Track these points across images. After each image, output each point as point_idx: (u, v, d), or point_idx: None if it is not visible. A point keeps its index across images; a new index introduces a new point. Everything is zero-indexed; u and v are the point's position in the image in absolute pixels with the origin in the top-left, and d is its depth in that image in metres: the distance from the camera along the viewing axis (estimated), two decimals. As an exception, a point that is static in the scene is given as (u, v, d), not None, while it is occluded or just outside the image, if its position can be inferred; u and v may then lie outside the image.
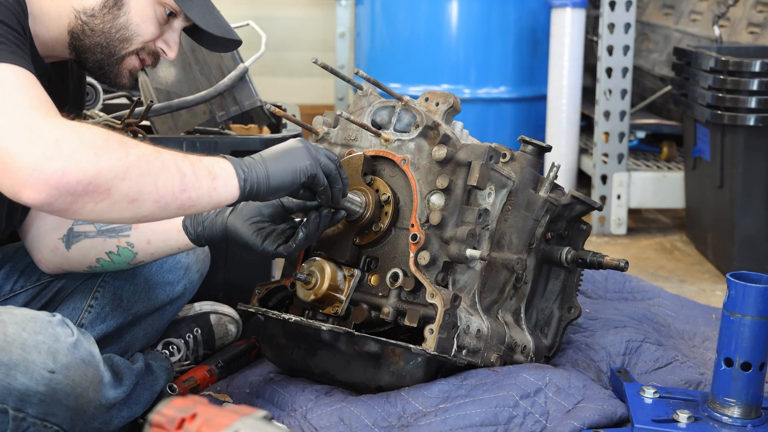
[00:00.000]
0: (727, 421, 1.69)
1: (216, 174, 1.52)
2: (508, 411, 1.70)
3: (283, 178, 1.59)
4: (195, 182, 1.48)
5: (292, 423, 1.77)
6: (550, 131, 3.61)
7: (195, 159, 1.51)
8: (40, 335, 1.49)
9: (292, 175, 1.60)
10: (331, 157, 1.67)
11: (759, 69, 2.76)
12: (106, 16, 1.68)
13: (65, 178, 1.36)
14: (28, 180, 1.35)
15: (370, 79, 1.86)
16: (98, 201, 1.40)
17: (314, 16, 4.81)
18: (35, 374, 1.47)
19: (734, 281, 1.66)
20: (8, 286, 1.86)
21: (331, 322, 1.84)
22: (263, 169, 1.57)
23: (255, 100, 2.39)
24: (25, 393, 1.47)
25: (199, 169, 1.50)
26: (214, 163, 1.53)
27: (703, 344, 2.24)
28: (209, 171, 1.51)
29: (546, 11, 3.64)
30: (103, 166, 1.39)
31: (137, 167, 1.42)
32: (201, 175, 1.50)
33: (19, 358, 1.47)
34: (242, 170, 1.55)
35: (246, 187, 1.54)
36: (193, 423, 1.06)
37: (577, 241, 2.08)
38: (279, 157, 1.60)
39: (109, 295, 1.90)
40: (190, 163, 1.49)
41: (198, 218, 1.76)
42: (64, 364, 1.49)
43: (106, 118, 2.31)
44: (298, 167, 1.60)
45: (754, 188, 2.84)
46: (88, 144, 1.39)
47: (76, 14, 1.68)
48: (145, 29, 1.72)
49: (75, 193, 1.38)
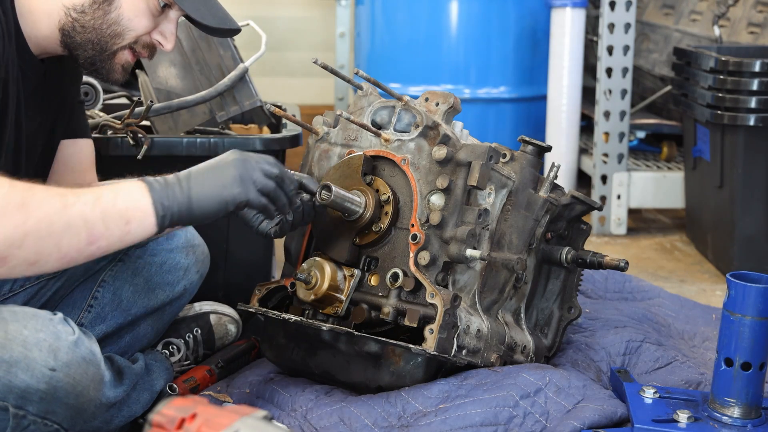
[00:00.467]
0: (727, 421, 1.69)
1: (130, 218, 1.48)
2: (508, 411, 1.70)
3: (208, 209, 1.54)
4: (105, 232, 1.46)
5: (292, 423, 1.77)
6: (550, 131, 3.61)
7: (108, 203, 1.46)
8: (42, 333, 1.49)
9: (218, 206, 1.54)
10: (269, 173, 1.60)
11: (759, 69, 2.76)
12: (97, 12, 1.66)
13: None
14: None
15: (370, 79, 1.86)
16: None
17: (314, 16, 4.81)
18: (36, 372, 1.47)
19: (734, 281, 1.66)
20: (8, 286, 1.86)
21: (331, 322, 1.84)
22: (186, 200, 1.52)
23: (255, 100, 2.39)
24: (25, 390, 1.47)
25: (110, 216, 1.46)
26: (129, 205, 1.48)
27: (703, 344, 2.24)
28: (122, 216, 1.47)
29: (546, 11, 3.64)
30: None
31: (36, 232, 1.40)
32: (113, 223, 1.47)
33: (20, 355, 1.47)
34: (161, 205, 1.50)
35: (165, 223, 1.51)
36: (193, 423, 1.06)
37: (577, 241, 2.08)
38: (207, 182, 1.54)
39: (109, 296, 1.90)
40: (102, 212, 1.46)
41: None
42: (65, 362, 1.49)
43: (106, 118, 2.31)
44: (225, 197, 1.55)
45: (754, 188, 2.84)
46: None
47: (66, 11, 1.66)
48: (138, 23, 1.70)
49: None
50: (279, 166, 1.63)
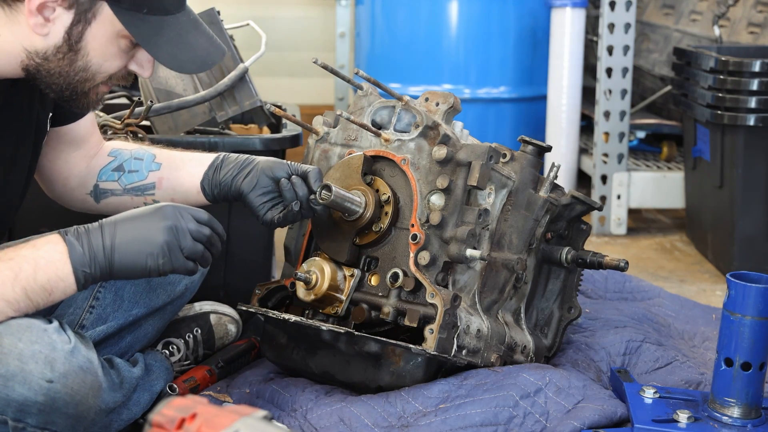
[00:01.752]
0: (727, 421, 1.69)
1: (52, 289, 1.50)
2: (508, 411, 1.70)
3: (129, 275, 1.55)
4: (29, 303, 1.49)
5: (292, 423, 1.77)
6: (550, 131, 3.61)
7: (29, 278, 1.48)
8: (37, 345, 1.48)
9: (140, 274, 1.55)
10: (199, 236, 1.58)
11: (759, 69, 2.76)
12: (62, 61, 1.56)
13: None
14: None
15: (370, 79, 1.86)
16: None
17: (314, 16, 4.81)
18: (33, 384, 1.47)
19: (734, 281, 1.66)
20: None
21: (331, 322, 1.84)
22: (108, 265, 1.53)
23: (255, 100, 2.39)
24: (23, 403, 1.47)
25: (32, 290, 1.49)
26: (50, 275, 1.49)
27: (703, 344, 2.24)
28: (44, 288, 1.49)
29: (546, 11, 3.63)
30: None
31: None
32: (36, 296, 1.50)
33: (17, 369, 1.46)
34: (82, 273, 1.51)
35: (86, 286, 1.53)
36: (193, 423, 1.06)
37: (577, 241, 2.08)
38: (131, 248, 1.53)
39: (111, 296, 1.90)
40: (22, 288, 1.48)
41: (215, 180, 1.83)
42: (62, 372, 1.48)
43: (106, 118, 2.31)
44: (149, 266, 1.54)
45: (754, 188, 2.84)
46: None
47: (27, 54, 1.55)
48: (109, 66, 1.60)
49: None
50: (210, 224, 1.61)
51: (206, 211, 1.63)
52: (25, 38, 1.54)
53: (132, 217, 1.56)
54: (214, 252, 1.63)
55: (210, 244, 1.61)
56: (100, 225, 1.55)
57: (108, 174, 1.89)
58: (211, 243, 1.61)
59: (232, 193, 1.82)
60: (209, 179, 1.84)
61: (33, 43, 1.55)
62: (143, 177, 1.88)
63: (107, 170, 1.89)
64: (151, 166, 1.88)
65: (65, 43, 1.55)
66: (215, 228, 1.62)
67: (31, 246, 1.51)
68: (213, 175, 1.84)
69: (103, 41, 1.57)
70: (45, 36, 1.54)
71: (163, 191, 1.87)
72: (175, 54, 1.60)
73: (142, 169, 1.88)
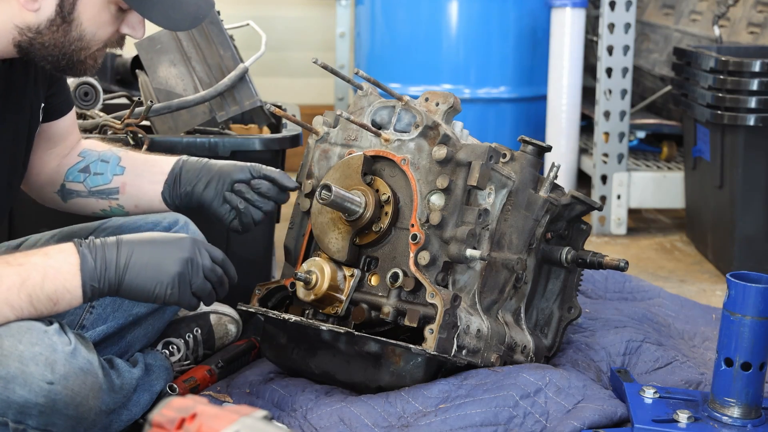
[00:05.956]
0: (727, 421, 1.69)
1: (58, 300, 1.50)
2: (508, 411, 1.70)
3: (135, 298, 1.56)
4: (33, 311, 1.49)
5: (292, 423, 1.77)
6: (550, 131, 3.61)
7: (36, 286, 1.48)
8: (37, 347, 1.48)
9: (146, 298, 1.56)
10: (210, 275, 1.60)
11: (759, 69, 2.75)
12: (56, 33, 1.55)
13: None
14: None
15: (370, 79, 1.86)
16: None
17: (314, 16, 4.81)
18: (34, 386, 1.47)
19: (734, 281, 1.66)
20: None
21: (331, 322, 1.84)
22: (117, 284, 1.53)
23: (255, 100, 2.39)
24: (24, 405, 1.47)
25: (38, 299, 1.49)
26: (57, 286, 1.50)
27: (703, 344, 2.24)
28: (50, 298, 1.49)
29: (546, 11, 3.63)
30: None
31: None
32: (40, 304, 1.49)
33: (17, 371, 1.46)
34: (90, 288, 1.51)
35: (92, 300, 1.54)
36: (193, 423, 1.06)
37: (577, 241, 2.08)
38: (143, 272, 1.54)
39: (111, 296, 1.89)
40: (28, 295, 1.48)
41: (176, 192, 1.83)
42: (63, 374, 1.48)
43: (106, 119, 2.31)
44: (157, 293, 1.55)
45: (754, 188, 2.84)
46: None
47: (19, 30, 1.55)
48: (103, 32, 1.60)
49: None
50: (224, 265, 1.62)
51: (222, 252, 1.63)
52: (15, 15, 1.55)
53: (151, 241, 1.57)
54: (220, 293, 1.64)
55: (219, 284, 1.62)
56: (118, 241, 1.55)
57: (75, 174, 1.88)
58: (220, 283, 1.62)
59: (194, 204, 1.83)
60: (170, 191, 1.84)
61: (24, 20, 1.55)
62: (108, 180, 1.87)
63: (74, 170, 1.89)
64: (115, 169, 1.87)
65: (58, 15, 1.55)
66: (228, 270, 1.64)
67: (43, 254, 1.51)
68: (173, 186, 1.84)
69: (95, 9, 1.57)
70: (36, 11, 1.54)
71: (127, 197, 1.87)
72: (167, 13, 1.60)
73: (107, 172, 1.88)
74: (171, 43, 2.40)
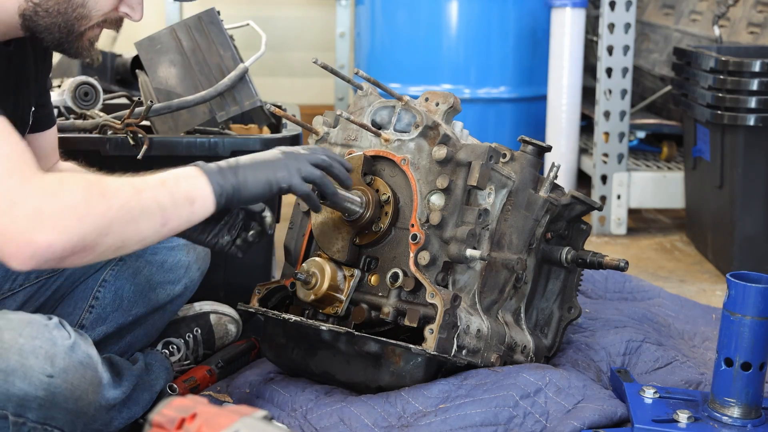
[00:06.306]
0: (727, 421, 1.69)
1: (194, 198, 1.52)
2: (508, 411, 1.70)
3: (256, 188, 1.59)
4: (175, 212, 1.49)
5: (292, 423, 1.77)
6: (550, 131, 3.61)
7: (172, 185, 1.50)
8: (37, 340, 1.48)
9: (265, 186, 1.59)
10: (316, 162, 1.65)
11: (759, 69, 2.75)
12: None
13: (51, 249, 1.36)
14: (15, 254, 1.36)
15: (370, 79, 1.86)
16: (84, 257, 1.42)
17: (314, 16, 4.81)
18: (34, 379, 1.47)
19: (734, 281, 1.66)
20: (7, 285, 1.86)
21: (331, 322, 1.84)
22: (236, 179, 1.57)
23: (255, 100, 2.39)
24: (24, 398, 1.47)
25: (178, 197, 1.50)
26: (191, 185, 1.52)
27: (703, 344, 2.24)
28: (187, 196, 1.51)
29: (546, 11, 3.63)
30: (86, 229, 1.39)
31: (119, 219, 1.42)
32: (180, 204, 1.50)
33: (17, 363, 1.46)
34: (218, 185, 1.54)
35: (222, 201, 1.55)
36: (193, 423, 1.06)
37: (577, 241, 2.08)
38: (254, 166, 1.60)
39: (110, 296, 1.90)
40: (169, 194, 1.49)
41: None
42: (62, 367, 1.49)
43: (106, 118, 2.31)
44: (272, 178, 1.60)
45: (754, 188, 2.84)
46: (70, 209, 1.38)
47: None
48: (104, 2, 1.62)
49: (62, 258, 1.39)
50: (329, 156, 1.68)
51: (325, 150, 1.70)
52: None
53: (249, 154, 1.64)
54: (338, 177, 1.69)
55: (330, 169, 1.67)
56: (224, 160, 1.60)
57: None
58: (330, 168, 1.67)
59: None
60: None
61: None
62: None
63: None
64: None
65: None
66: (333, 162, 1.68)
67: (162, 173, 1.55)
68: None
69: None
70: None
71: None
72: None
73: None
74: (171, 43, 2.40)
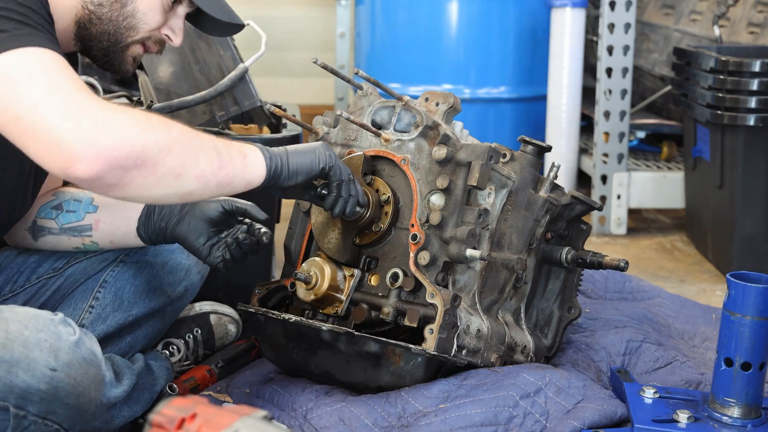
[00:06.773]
0: (727, 421, 1.69)
1: (246, 153, 1.60)
2: (508, 411, 1.70)
3: (302, 163, 1.67)
4: (230, 160, 1.56)
5: (292, 423, 1.77)
6: (550, 131, 3.61)
7: (225, 140, 1.59)
8: (42, 333, 1.49)
9: (311, 162, 1.68)
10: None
11: (759, 69, 2.75)
12: (114, 5, 1.70)
13: (116, 152, 1.41)
14: (81, 154, 1.40)
15: (370, 79, 1.86)
16: (146, 175, 1.46)
17: (314, 16, 4.81)
18: (37, 372, 1.48)
19: (734, 281, 1.66)
20: (8, 286, 1.87)
21: (331, 322, 1.84)
22: (285, 153, 1.66)
23: (255, 100, 2.39)
24: (26, 390, 1.48)
25: (231, 148, 1.58)
26: (242, 145, 1.62)
27: (703, 344, 2.25)
28: (240, 151, 1.60)
29: (546, 11, 3.63)
30: (149, 140, 1.45)
31: (180, 143, 1.49)
32: (234, 155, 1.58)
33: (21, 355, 1.47)
34: (267, 152, 1.63)
35: (272, 166, 1.63)
36: (193, 423, 1.06)
37: (577, 241, 2.08)
38: (299, 149, 1.70)
39: (110, 296, 1.90)
40: (223, 143, 1.57)
41: (150, 227, 1.84)
42: (66, 362, 1.50)
43: (106, 118, 2.30)
44: (315, 157, 1.69)
45: (754, 188, 2.84)
46: (134, 121, 1.45)
47: (83, 4, 1.69)
48: (152, 17, 1.74)
49: (125, 167, 1.43)
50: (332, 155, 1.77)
51: None
52: None
53: None
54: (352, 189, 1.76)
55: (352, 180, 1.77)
56: None
57: (47, 211, 1.87)
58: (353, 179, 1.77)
59: (169, 239, 1.84)
60: (144, 226, 1.84)
61: None
62: (80, 218, 1.87)
63: (47, 207, 1.87)
64: (88, 207, 1.87)
65: None
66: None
67: None
68: (147, 222, 1.84)
69: None
70: None
71: (100, 233, 1.86)
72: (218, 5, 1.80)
73: (79, 210, 1.88)
74: (171, 43, 2.40)
